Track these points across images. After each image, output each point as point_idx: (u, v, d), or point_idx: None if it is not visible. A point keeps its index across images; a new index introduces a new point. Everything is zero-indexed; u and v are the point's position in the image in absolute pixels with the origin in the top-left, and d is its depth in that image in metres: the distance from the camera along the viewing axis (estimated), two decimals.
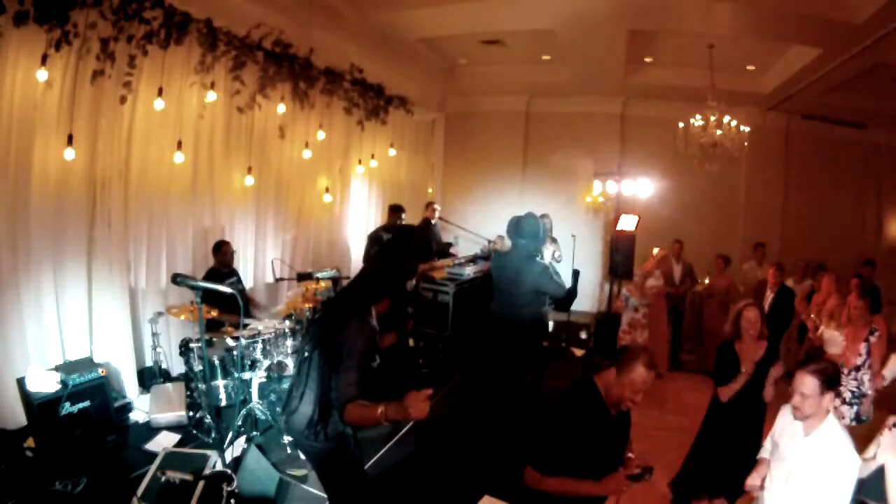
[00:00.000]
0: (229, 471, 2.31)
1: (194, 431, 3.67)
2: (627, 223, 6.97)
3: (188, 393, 3.94)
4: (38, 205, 3.53)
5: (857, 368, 3.74)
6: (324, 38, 5.63)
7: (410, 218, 6.79)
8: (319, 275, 4.35)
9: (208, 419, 3.62)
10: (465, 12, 5.48)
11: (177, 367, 4.35)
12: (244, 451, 3.20)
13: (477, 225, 7.90)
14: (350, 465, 2.06)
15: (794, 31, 5.31)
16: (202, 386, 3.71)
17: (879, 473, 2.36)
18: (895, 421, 2.51)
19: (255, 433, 3.62)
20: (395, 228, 2.01)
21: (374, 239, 5.84)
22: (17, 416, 3.30)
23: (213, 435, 3.50)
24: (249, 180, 5.14)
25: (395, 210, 6.11)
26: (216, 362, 3.92)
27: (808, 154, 8.39)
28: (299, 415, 1.95)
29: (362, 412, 1.82)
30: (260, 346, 3.82)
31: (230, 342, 3.84)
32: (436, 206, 6.97)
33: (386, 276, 2.05)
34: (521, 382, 4.03)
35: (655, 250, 5.95)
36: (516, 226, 3.97)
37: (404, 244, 2.10)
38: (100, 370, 3.41)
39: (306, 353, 2.00)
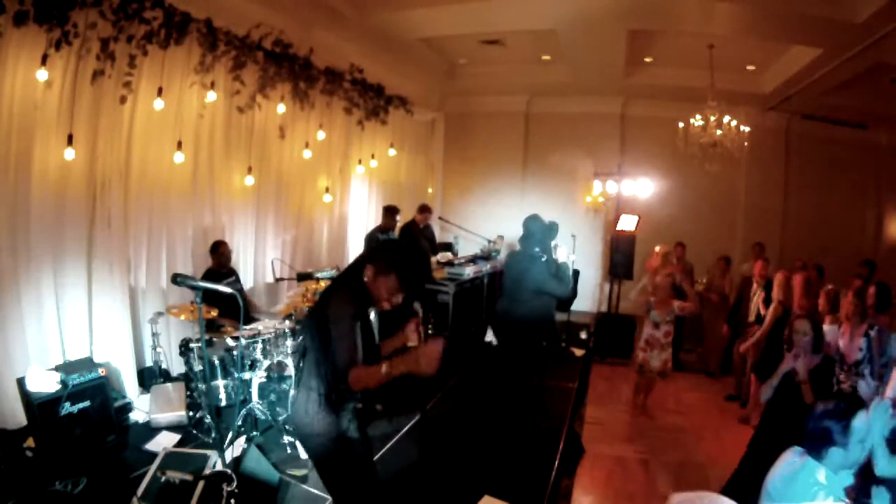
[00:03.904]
0: (229, 471, 2.31)
1: (194, 431, 3.66)
2: (627, 223, 6.98)
3: (188, 393, 3.93)
4: (38, 205, 3.52)
5: (858, 364, 3.72)
6: (324, 38, 5.64)
7: (408, 218, 6.81)
8: (319, 275, 4.37)
9: (208, 419, 3.61)
10: (465, 12, 5.48)
11: (177, 367, 4.34)
12: (244, 451, 3.20)
13: (477, 225, 7.93)
14: (353, 467, 2.03)
15: (794, 31, 5.31)
16: (202, 386, 3.71)
17: None
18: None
19: (255, 433, 3.61)
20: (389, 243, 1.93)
21: (371, 240, 5.85)
22: (17, 416, 3.29)
23: (213, 435, 3.49)
24: (249, 180, 5.14)
25: (390, 211, 6.09)
26: (216, 362, 3.92)
27: (808, 154, 8.38)
28: (295, 405, 1.95)
29: (364, 373, 1.80)
30: (260, 346, 3.82)
31: (230, 342, 3.83)
32: (429, 212, 6.90)
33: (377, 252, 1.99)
34: (526, 382, 4.07)
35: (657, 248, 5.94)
36: (523, 226, 4.10)
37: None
38: (100, 370, 3.40)
39: (303, 351, 2.00)
